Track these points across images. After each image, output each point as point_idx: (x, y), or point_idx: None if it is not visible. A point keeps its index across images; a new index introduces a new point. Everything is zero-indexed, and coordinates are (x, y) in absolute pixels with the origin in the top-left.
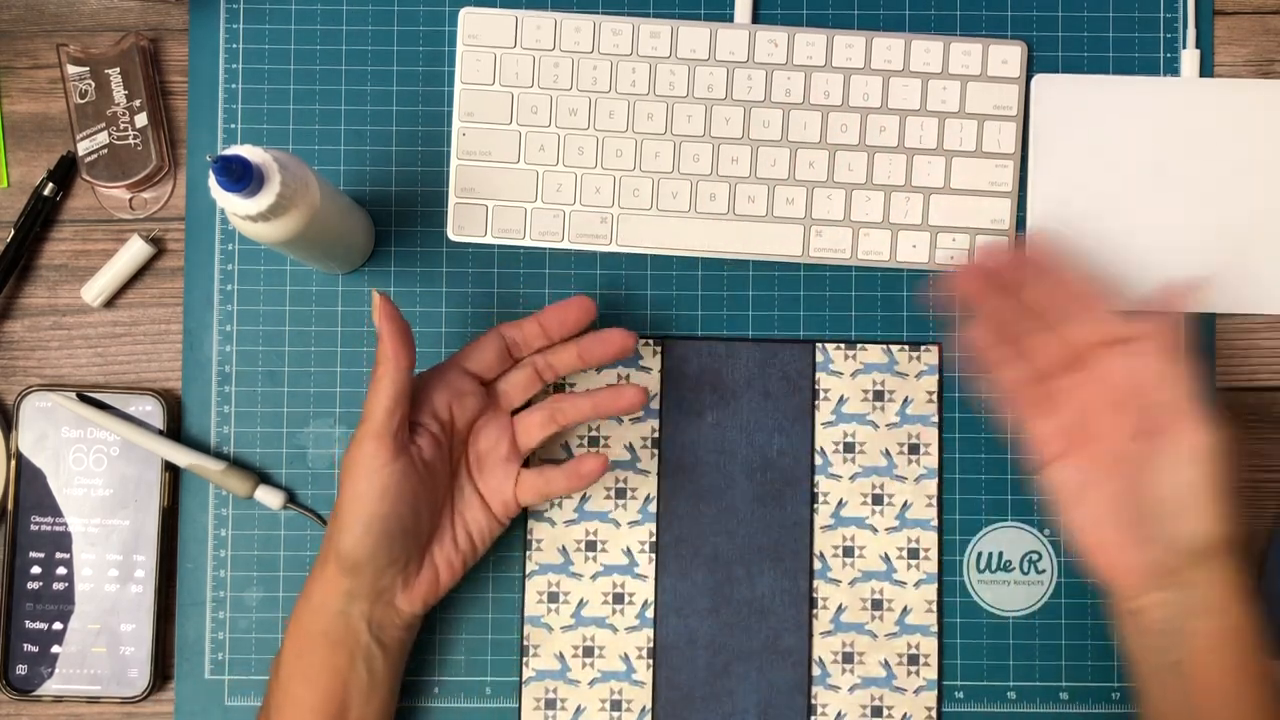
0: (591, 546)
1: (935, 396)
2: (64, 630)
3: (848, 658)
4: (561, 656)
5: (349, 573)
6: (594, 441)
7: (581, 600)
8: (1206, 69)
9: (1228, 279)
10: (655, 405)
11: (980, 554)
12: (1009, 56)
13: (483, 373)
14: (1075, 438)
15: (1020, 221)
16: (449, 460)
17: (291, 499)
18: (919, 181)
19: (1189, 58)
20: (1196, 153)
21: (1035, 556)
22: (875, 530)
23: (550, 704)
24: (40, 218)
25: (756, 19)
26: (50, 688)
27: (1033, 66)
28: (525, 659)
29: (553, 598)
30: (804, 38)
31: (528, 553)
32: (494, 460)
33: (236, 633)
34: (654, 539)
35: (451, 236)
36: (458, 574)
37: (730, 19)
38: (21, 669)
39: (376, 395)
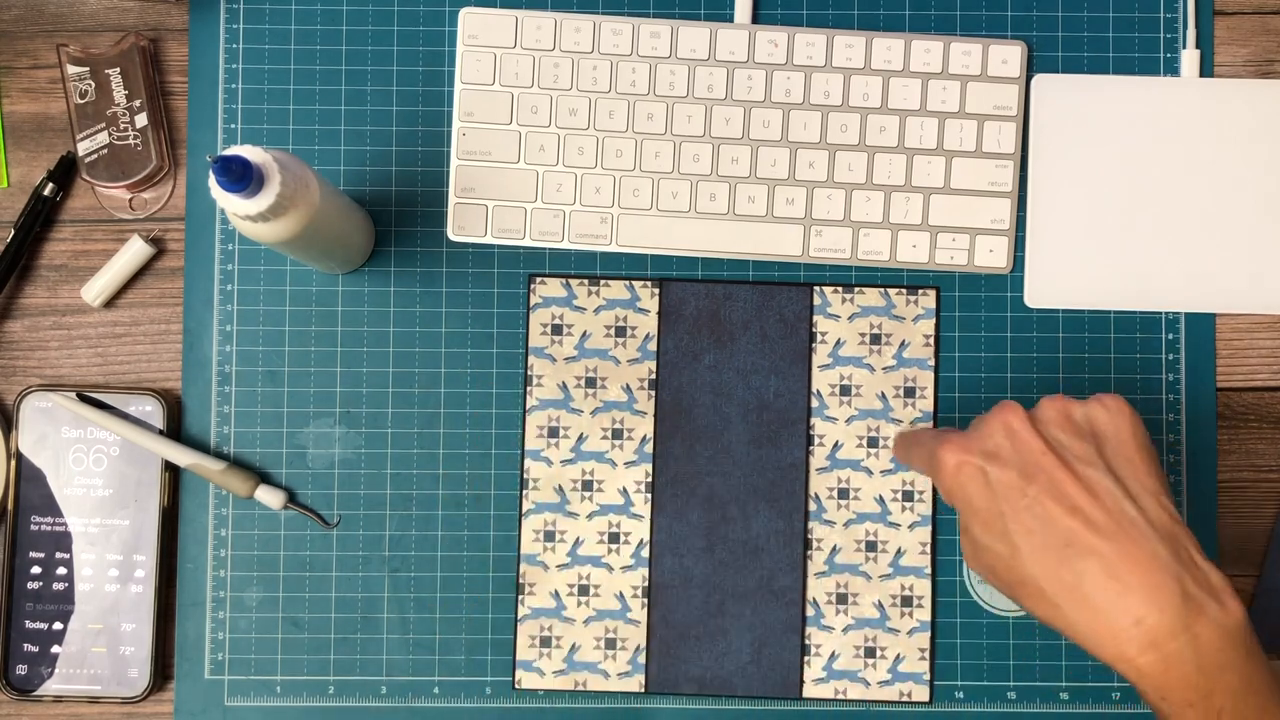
0: (588, 486)
1: (932, 340)
2: (64, 630)
3: (841, 598)
4: (557, 595)
5: None
6: (590, 382)
7: (577, 539)
8: (1206, 69)
9: (1228, 279)
10: (652, 347)
11: None
12: (1009, 56)
13: None
14: None
15: (1020, 221)
16: None
17: (291, 499)
18: (919, 181)
19: (1189, 58)
20: (1196, 152)
21: None
22: (870, 472)
23: (545, 642)
24: (40, 218)
25: (756, 19)
26: (50, 688)
27: (1033, 66)
28: (521, 597)
29: (549, 536)
30: (804, 38)
31: (524, 491)
32: None
33: (236, 633)
34: (650, 479)
35: (451, 236)
36: None
37: (730, 19)
38: (21, 669)
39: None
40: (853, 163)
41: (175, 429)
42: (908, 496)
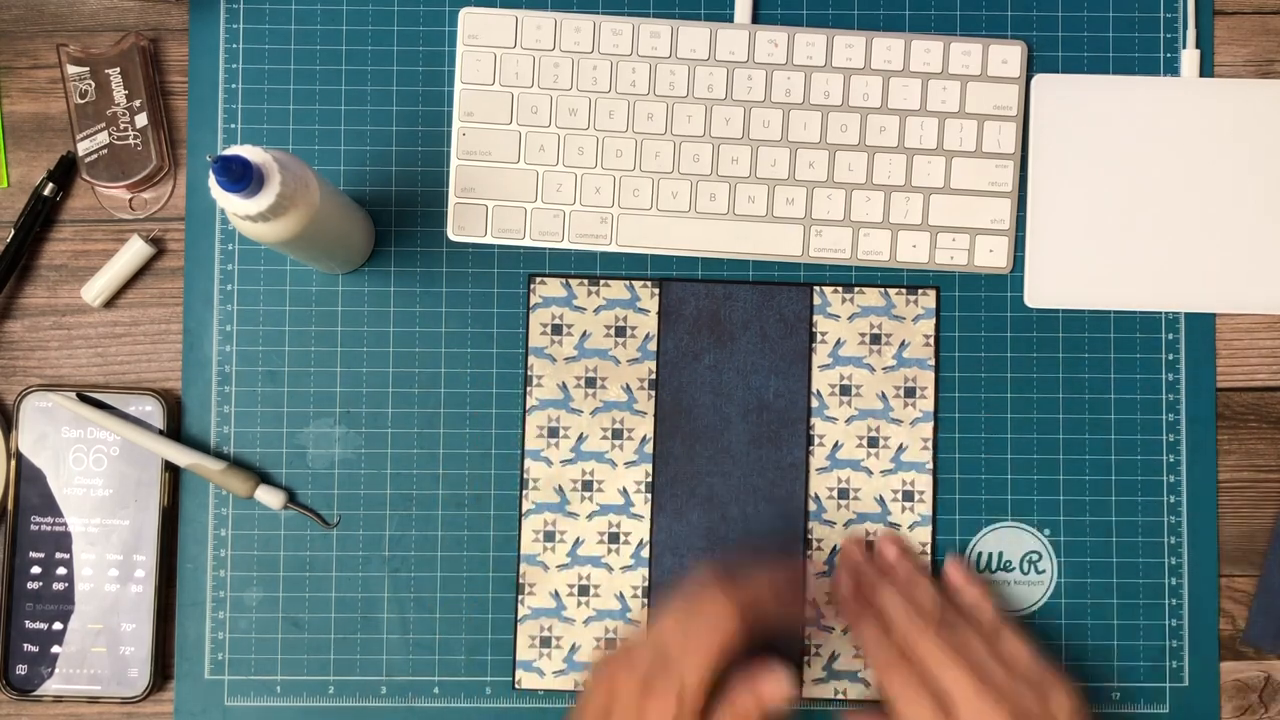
0: (588, 486)
1: (932, 340)
2: (64, 630)
3: None
4: (557, 595)
5: None
6: (590, 382)
7: (577, 539)
8: (1206, 69)
9: (1228, 279)
10: (652, 347)
11: (980, 554)
12: (1009, 56)
13: None
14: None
15: (1020, 221)
16: None
17: (291, 499)
18: (919, 181)
19: (1189, 58)
20: (1196, 153)
21: (1035, 556)
22: (870, 473)
23: (545, 641)
24: (40, 218)
25: (756, 19)
26: (50, 688)
27: (1033, 66)
28: (521, 597)
29: (549, 536)
30: (804, 38)
31: (524, 491)
32: None
33: (236, 633)
34: (650, 479)
35: (451, 236)
36: None
37: (730, 19)
38: (21, 669)
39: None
40: (853, 163)
41: (175, 429)
42: (908, 497)
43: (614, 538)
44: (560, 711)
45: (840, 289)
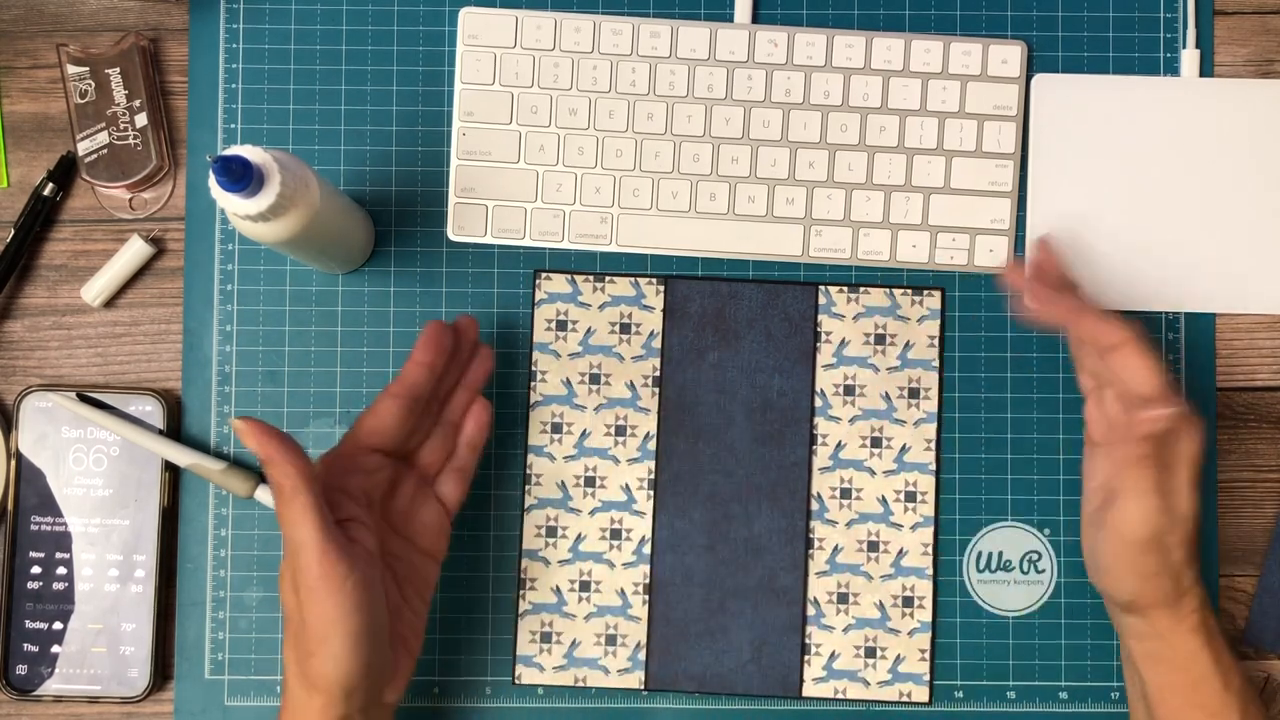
0: (590, 482)
1: (936, 341)
2: (64, 630)
3: (842, 598)
4: (558, 590)
5: (343, 699)
6: (594, 378)
7: (579, 535)
8: (1206, 69)
9: (1228, 279)
10: (657, 345)
11: (980, 554)
12: (1009, 56)
13: (388, 446)
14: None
15: (1020, 221)
16: (377, 536)
17: None
18: (919, 181)
19: (1189, 58)
20: (1196, 153)
21: (1035, 556)
22: (873, 473)
23: (546, 637)
24: (40, 218)
25: (756, 19)
26: (50, 688)
27: (1033, 66)
28: (522, 592)
29: (550, 532)
30: (804, 38)
31: (527, 487)
32: (421, 515)
33: (236, 633)
34: (652, 476)
35: (451, 236)
36: (422, 634)
37: (730, 19)
38: (21, 669)
39: (303, 519)
40: (853, 163)
41: (175, 429)
42: (910, 497)
43: (616, 534)
44: (561, 710)
45: (845, 289)
